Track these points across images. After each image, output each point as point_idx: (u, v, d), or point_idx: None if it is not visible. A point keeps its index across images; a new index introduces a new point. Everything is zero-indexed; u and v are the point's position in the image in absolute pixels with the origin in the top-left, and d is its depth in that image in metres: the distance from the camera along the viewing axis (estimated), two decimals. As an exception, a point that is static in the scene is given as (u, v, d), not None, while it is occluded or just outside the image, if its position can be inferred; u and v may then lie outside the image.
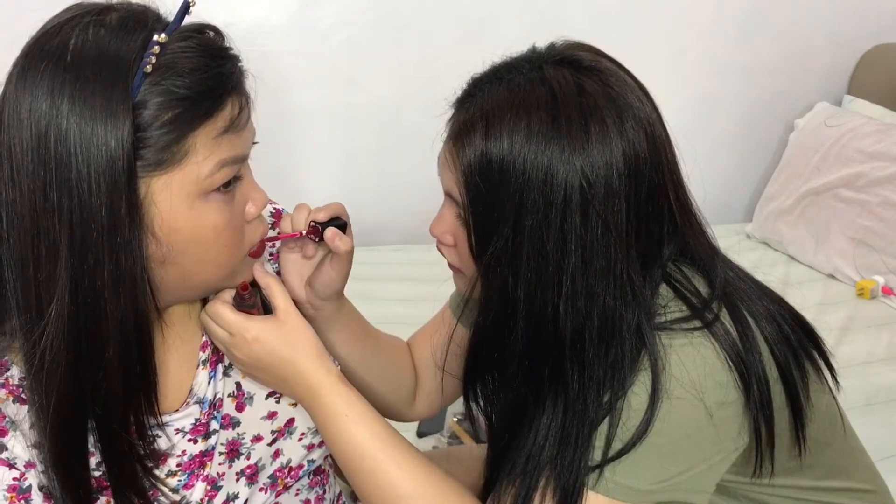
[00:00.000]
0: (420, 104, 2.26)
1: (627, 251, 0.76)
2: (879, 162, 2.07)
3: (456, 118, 0.82)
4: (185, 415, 0.80)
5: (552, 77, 0.76)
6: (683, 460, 0.77)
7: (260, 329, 0.79)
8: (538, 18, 2.16)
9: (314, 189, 2.31)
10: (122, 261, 0.66)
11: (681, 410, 0.74)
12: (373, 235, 2.35)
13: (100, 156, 0.64)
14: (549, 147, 0.74)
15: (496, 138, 0.75)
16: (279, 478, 0.86)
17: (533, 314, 0.77)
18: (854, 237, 2.09)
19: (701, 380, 0.75)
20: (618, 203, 0.75)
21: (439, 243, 0.88)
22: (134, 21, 0.68)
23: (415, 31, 2.18)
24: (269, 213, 0.93)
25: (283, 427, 0.86)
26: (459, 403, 1.57)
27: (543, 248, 0.75)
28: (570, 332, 0.76)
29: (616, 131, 0.75)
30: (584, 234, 0.75)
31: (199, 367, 0.82)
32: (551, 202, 0.74)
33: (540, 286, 0.76)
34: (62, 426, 0.69)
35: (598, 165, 0.74)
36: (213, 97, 0.68)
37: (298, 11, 2.14)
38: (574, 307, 0.76)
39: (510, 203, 0.75)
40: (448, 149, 0.81)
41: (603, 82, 0.77)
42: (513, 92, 0.77)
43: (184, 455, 0.80)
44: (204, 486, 0.81)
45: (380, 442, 0.79)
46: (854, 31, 2.40)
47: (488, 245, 0.78)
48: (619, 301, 0.76)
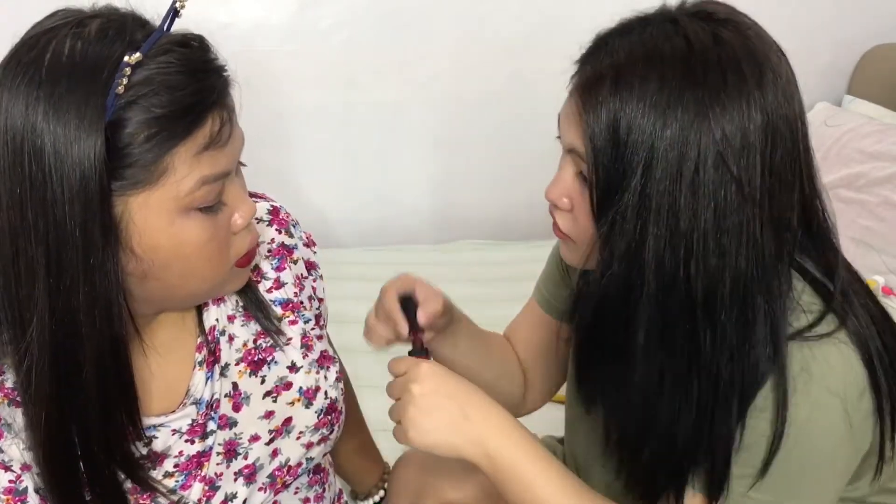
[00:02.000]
0: (420, 104, 2.28)
1: (761, 213, 0.72)
2: (879, 162, 2.07)
3: (582, 71, 0.78)
4: (181, 416, 0.80)
5: (687, 27, 0.73)
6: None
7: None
8: (538, 18, 2.16)
9: (314, 189, 2.31)
10: (97, 283, 0.65)
11: (826, 419, 0.73)
12: (373, 235, 2.35)
13: (73, 175, 0.62)
14: (683, 97, 0.71)
15: (627, 89, 0.72)
16: (278, 477, 0.86)
17: (662, 275, 0.74)
18: (854, 237, 2.08)
19: (845, 387, 0.73)
20: (753, 158, 0.71)
21: (553, 207, 0.84)
22: (114, 31, 0.66)
23: (415, 31, 2.18)
24: (266, 211, 0.92)
25: (281, 426, 0.86)
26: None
27: (675, 202, 0.72)
28: (701, 294, 0.74)
29: (755, 84, 0.71)
30: (717, 188, 0.71)
31: (195, 368, 0.82)
32: (684, 154, 0.71)
33: (671, 243, 0.73)
34: (50, 438, 0.69)
35: (734, 118, 0.71)
36: (191, 114, 0.66)
37: (298, 11, 2.13)
38: (706, 267, 0.73)
39: (641, 155, 0.72)
40: (574, 100, 0.78)
41: (742, 34, 0.74)
42: (645, 43, 0.74)
43: (181, 456, 0.80)
44: (201, 487, 0.81)
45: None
46: (854, 31, 2.40)
47: (612, 202, 0.74)
48: (751, 263, 0.73)
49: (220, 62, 0.71)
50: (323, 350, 0.92)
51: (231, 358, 0.84)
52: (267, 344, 0.87)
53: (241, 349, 0.85)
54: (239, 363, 0.85)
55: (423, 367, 0.81)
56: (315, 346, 0.90)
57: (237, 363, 0.84)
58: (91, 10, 0.69)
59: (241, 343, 0.85)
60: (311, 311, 0.92)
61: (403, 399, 0.80)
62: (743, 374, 0.75)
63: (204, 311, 0.83)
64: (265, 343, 0.86)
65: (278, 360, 0.87)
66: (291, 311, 0.90)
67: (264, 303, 0.86)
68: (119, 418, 0.72)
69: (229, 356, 0.84)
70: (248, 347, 0.85)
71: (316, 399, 0.89)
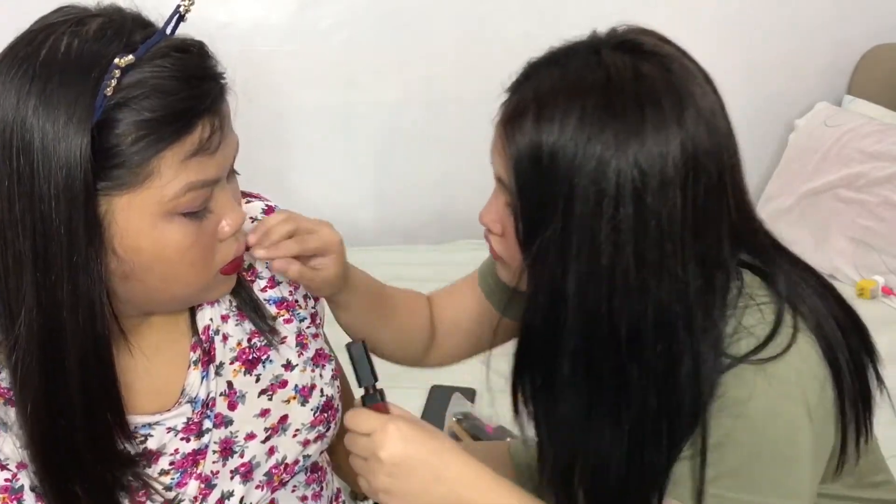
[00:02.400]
0: (420, 104, 2.28)
1: (683, 248, 0.72)
2: (879, 162, 2.07)
3: (508, 101, 0.79)
4: (176, 414, 0.80)
5: (609, 61, 0.73)
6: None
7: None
8: (538, 18, 2.16)
9: (313, 189, 2.31)
10: (80, 280, 0.66)
11: (787, 412, 0.73)
12: (373, 235, 2.35)
13: (59, 173, 0.63)
14: (602, 133, 0.71)
15: (548, 122, 0.72)
16: (275, 475, 0.86)
17: (585, 309, 0.74)
18: (854, 237, 2.08)
19: (802, 377, 0.73)
20: (673, 194, 0.71)
21: (487, 232, 0.85)
22: (113, 31, 0.66)
23: (415, 31, 2.18)
24: (260, 210, 0.92)
25: (277, 424, 0.86)
26: (459, 404, 1.57)
27: (595, 239, 0.72)
28: (625, 329, 0.74)
29: (674, 119, 0.71)
30: (637, 225, 0.71)
31: (190, 367, 0.82)
32: (603, 191, 0.71)
33: (592, 280, 0.73)
34: (40, 434, 0.69)
35: (653, 154, 0.70)
36: (181, 120, 0.66)
37: (298, 11, 2.14)
38: (629, 302, 0.73)
39: (560, 191, 0.72)
40: (499, 133, 0.78)
41: (664, 67, 0.74)
42: (567, 75, 0.74)
43: (176, 454, 0.80)
44: (197, 485, 0.81)
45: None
46: (854, 31, 2.40)
47: (537, 235, 0.75)
48: (674, 299, 0.73)
49: (217, 69, 0.71)
50: (318, 348, 0.92)
51: (225, 357, 0.84)
52: (261, 343, 0.87)
53: (235, 348, 0.85)
54: (234, 362, 0.85)
55: (390, 431, 0.76)
56: (310, 345, 0.91)
57: (232, 362, 0.85)
58: (95, 9, 0.69)
59: (236, 342, 0.85)
60: (306, 310, 0.92)
61: (371, 464, 0.77)
62: (670, 406, 0.75)
63: (198, 311, 0.83)
64: (260, 342, 0.86)
65: (273, 359, 0.87)
66: (286, 310, 0.90)
67: (258, 303, 0.87)
68: (105, 417, 0.72)
69: (224, 355, 0.84)
70: (242, 346, 0.85)
71: (312, 397, 0.89)
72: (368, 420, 0.78)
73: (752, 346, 0.74)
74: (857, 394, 0.78)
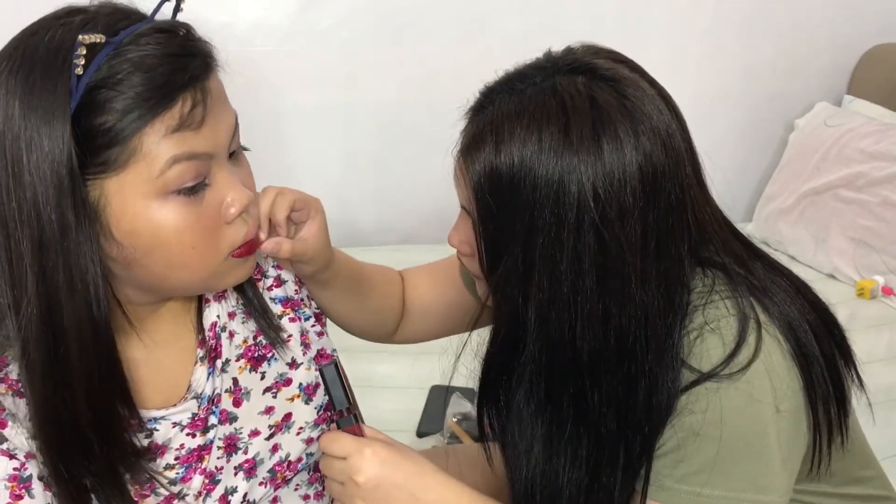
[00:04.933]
0: (420, 104, 2.28)
1: (644, 273, 0.73)
2: (879, 162, 2.07)
3: (467, 130, 0.79)
4: (182, 409, 0.80)
5: (564, 88, 0.73)
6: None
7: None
8: (538, 18, 2.16)
9: (313, 189, 2.30)
10: (74, 266, 0.66)
11: (753, 407, 0.73)
12: (373, 235, 2.35)
13: (44, 161, 0.64)
14: (559, 162, 0.71)
15: (506, 153, 0.72)
16: (278, 472, 0.86)
17: (545, 337, 0.75)
18: (854, 237, 2.09)
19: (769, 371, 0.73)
20: (632, 219, 0.71)
21: (458, 253, 0.86)
22: (98, 22, 0.67)
23: (415, 31, 2.18)
24: None
25: (281, 422, 0.86)
26: (459, 404, 1.58)
27: (556, 268, 0.72)
28: (587, 355, 0.74)
29: (630, 144, 0.71)
30: (597, 253, 0.71)
31: (196, 363, 0.82)
32: (563, 220, 0.71)
33: (553, 307, 0.73)
34: (47, 423, 0.70)
35: (611, 181, 0.70)
36: (159, 94, 0.66)
37: (298, 11, 2.13)
38: (591, 329, 0.73)
39: (520, 221, 0.72)
40: (459, 163, 0.79)
41: (618, 93, 0.73)
42: (523, 104, 0.74)
43: (182, 449, 0.80)
44: (202, 480, 0.81)
45: None
46: (854, 31, 2.40)
47: (499, 263, 0.75)
48: (634, 323, 0.73)
49: (204, 47, 0.71)
50: (320, 348, 0.92)
51: (231, 354, 0.84)
52: (267, 341, 0.87)
53: (241, 345, 0.85)
54: (239, 359, 0.85)
55: (367, 455, 0.76)
56: (313, 344, 0.91)
57: (237, 359, 0.85)
58: (91, 7, 0.70)
59: (241, 340, 0.85)
60: (311, 309, 0.93)
61: (348, 488, 0.77)
62: (629, 426, 0.75)
63: (205, 307, 0.84)
64: (265, 340, 0.87)
65: (278, 357, 0.88)
66: (291, 309, 0.90)
67: (264, 306, 0.87)
68: (112, 407, 0.72)
69: (230, 352, 0.84)
70: (248, 344, 0.86)
71: (315, 395, 0.89)
72: (344, 444, 0.77)
73: (719, 357, 0.73)
74: (830, 395, 0.78)
